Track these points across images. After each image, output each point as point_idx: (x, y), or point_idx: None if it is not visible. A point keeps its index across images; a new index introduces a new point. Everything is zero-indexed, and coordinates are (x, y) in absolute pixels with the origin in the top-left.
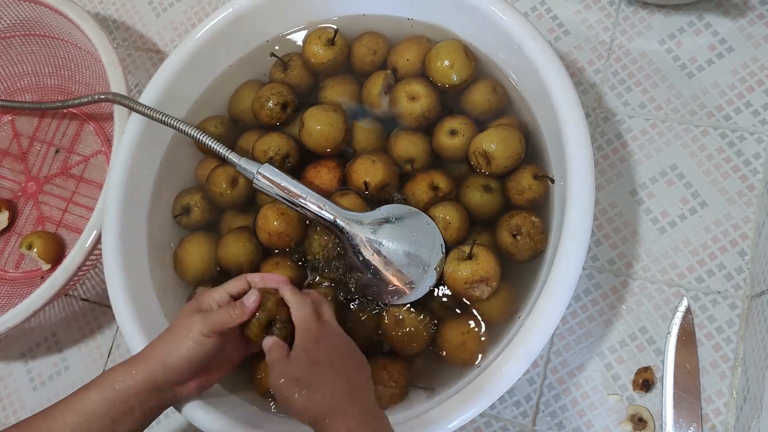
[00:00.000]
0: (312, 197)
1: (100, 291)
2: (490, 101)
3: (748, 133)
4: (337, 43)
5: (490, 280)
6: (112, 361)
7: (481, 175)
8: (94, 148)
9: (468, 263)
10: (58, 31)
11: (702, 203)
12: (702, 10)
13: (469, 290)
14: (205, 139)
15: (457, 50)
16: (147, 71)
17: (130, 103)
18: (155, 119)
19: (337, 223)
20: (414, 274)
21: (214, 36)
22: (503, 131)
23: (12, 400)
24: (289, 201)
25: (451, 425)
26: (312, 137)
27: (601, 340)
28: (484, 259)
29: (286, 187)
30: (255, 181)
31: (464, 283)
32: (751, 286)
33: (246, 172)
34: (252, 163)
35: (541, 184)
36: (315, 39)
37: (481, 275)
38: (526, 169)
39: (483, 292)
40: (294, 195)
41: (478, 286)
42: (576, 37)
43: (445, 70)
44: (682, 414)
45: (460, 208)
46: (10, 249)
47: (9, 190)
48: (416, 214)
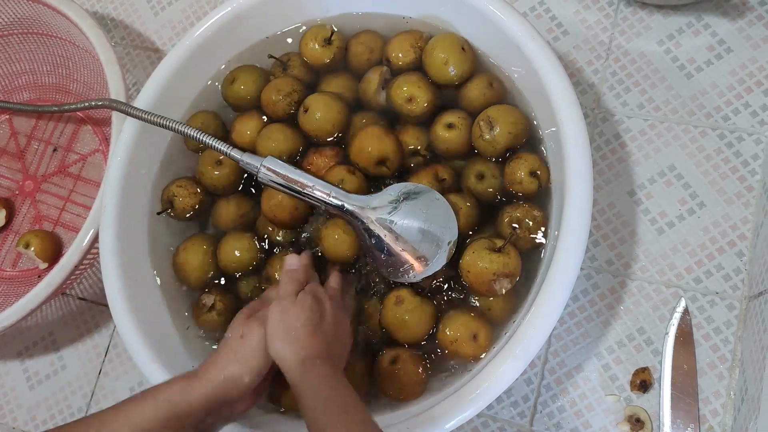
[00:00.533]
0: (319, 185)
1: (97, 290)
2: (486, 96)
3: (746, 134)
4: (334, 42)
5: (515, 276)
6: (109, 361)
7: (478, 161)
8: (92, 147)
9: (500, 256)
10: (56, 29)
11: (700, 204)
12: (701, 11)
13: (493, 283)
14: (205, 138)
15: (453, 44)
16: (145, 70)
17: (127, 109)
18: (153, 123)
19: (346, 209)
20: (427, 250)
21: (212, 35)
22: (508, 106)
23: (8, 399)
24: (295, 191)
25: (448, 425)
26: (314, 122)
27: (599, 341)
28: (514, 254)
29: (292, 177)
30: (260, 175)
31: (492, 274)
32: (749, 287)
33: (250, 167)
34: (255, 158)
35: (536, 180)
36: (311, 38)
37: (510, 269)
38: (526, 161)
39: (502, 288)
40: (301, 185)
41: (503, 280)
42: (575, 37)
43: (441, 65)
44: (680, 415)
45: (470, 198)
46: (7, 248)
47: (6, 189)
48: (425, 191)
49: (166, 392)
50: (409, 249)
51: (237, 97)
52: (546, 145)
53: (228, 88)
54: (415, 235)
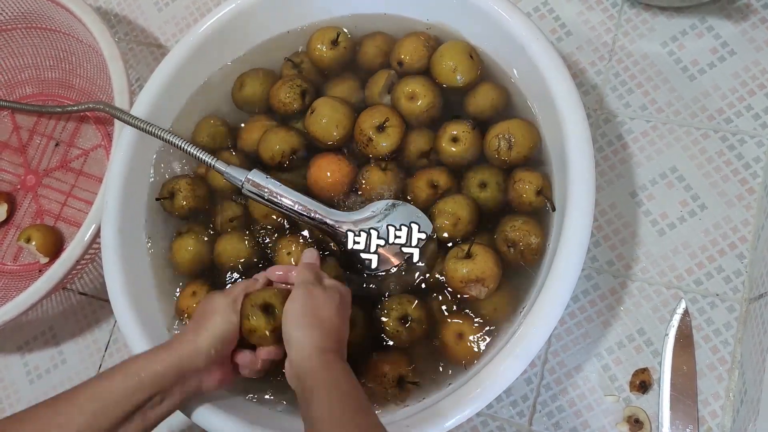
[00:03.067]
0: (302, 201)
1: (98, 285)
2: (493, 102)
3: (748, 137)
4: (341, 43)
5: (487, 281)
6: (110, 355)
7: (479, 172)
8: (94, 142)
9: (465, 262)
10: (60, 24)
11: (702, 206)
12: (704, 13)
13: (465, 289)
14: (191, 149)
15: (462, 52)
16: (148, 66)
17: (119, 114)
18: (140, 129)
19: (327, 224)
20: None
21: (216, 32)
22: (523, 121)
23: (8, 392)
24: (278, 205)
25: (448, 423)
26: (321, 124)
27: (599, 342)
28: (482, 260)
29: (275, 191)
30: (244, 189)
31: (460, 281)
32: (750, 289)
33: (234, 179)
34: (239, 170)
35: (540, 199)
36: (319, 39)
37: (477, 275)
38: (532, 178)
39: (480, 292)
40: (283, 199)
41: (474, 285)
42: (578, 38)
43: (449, 72)
44: (679, 416)
45: (469, 202)
46: (9, 242)
47: (8, 183)
48: (404, 206)
49: (134, 365)
50: (387, 248)
51: (247, 101)
52: (548, 145)
53: (237, 94)
54: (392, 236)
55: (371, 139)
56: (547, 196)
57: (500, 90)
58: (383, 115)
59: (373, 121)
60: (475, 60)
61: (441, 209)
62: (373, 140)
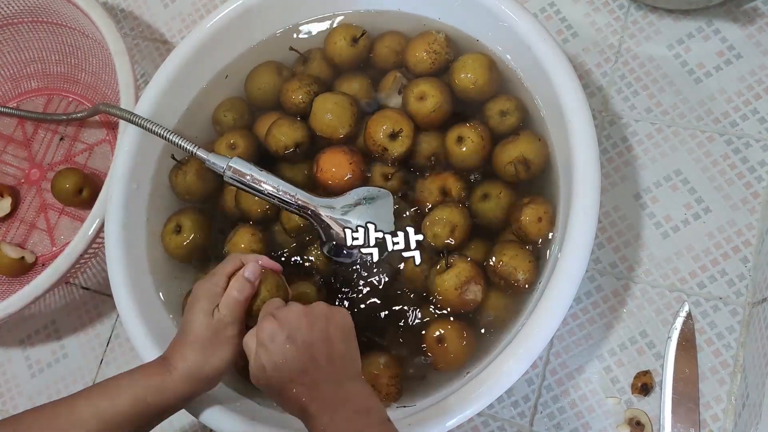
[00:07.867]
0: (284, 187)
1: (101, 279)
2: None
3: (754, 140)
4: (361, 42)
5: (476, 278)
6: (111, 350)
7: (480, 185)
8: (99, 137)
9: (449, 271)
10: (66, 18)
11: (706, 209)
12: (711, 16)
13: (463, 295)
14: (173, 137)
15: (483, 66)
16: (154, 62)
17: (118, 112)
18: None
19: (309, 210)
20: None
21: (222, 27)
22: (533, 138)
23: (10, 386)
24: (261, 192)
25: (449, 423)
26: (321, 121)
27: (601, 343)
28: (461, 263)
29: (257, 178)
30: (225, 177)
31: (455, 290)
32: (753, 293)
33: (215, 167)
34: (221, 158)
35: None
36: (341, 35)
37: (466, 276)
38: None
39: (476, 294)
40: (265, 186)
41: (469, 287)
42: (584, 39)
43: (469, 85)
44: (680, 419)
45: (465, 214)
46: (12, 235)
47: (12, 177)
48: (383, 195)
49: (140, 388)
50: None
51: (256, 98)
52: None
53: (247, 91)
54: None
55: (386, 149)
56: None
57: (514, 101)
58: (394, 122)
59: (384, 128)
60: (495, 73)
61: (436, 215)
62: (389, 149)
